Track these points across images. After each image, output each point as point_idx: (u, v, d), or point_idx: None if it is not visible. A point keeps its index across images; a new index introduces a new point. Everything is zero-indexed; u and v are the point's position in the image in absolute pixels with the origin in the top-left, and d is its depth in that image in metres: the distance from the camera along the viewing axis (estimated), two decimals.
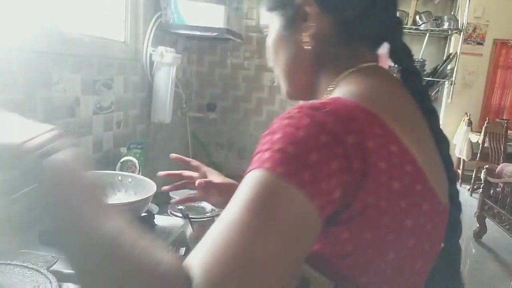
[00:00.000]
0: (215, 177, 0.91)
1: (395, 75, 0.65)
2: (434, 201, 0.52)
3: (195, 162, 0.95)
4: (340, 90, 0.56)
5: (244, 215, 0.41)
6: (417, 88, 0.60)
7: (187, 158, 0.95)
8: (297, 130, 0.45)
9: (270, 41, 0.64)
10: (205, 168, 0.94)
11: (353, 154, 0.45)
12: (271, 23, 0.64)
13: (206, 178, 0.90)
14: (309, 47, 0.59)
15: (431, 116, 0.60)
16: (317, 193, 0.43)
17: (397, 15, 0.61)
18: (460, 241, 0.62)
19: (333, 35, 0.59)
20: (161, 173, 0.92)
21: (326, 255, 0.50)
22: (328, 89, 0.59)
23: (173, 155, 0.94)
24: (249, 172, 0.45)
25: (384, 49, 0.63)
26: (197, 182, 0.86)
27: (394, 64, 0.63)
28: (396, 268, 0.51)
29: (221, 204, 0.91)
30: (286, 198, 0.42)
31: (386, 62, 0.68)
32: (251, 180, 0.44)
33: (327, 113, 0.46)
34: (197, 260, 0.40)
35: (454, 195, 0.59)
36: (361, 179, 0.45)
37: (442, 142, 0.59)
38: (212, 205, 0.96)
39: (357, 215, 0.46)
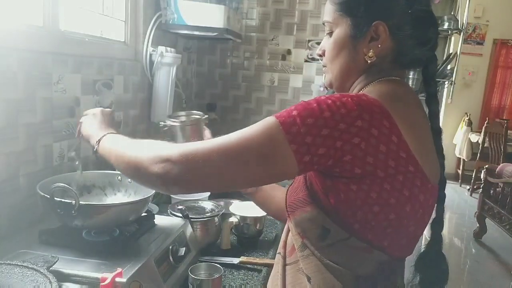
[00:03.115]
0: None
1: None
2: (425, 180, 0.67)
3: None
4: (367, 90, 0.74)
5: (242, 133, 0.63)
6: (433, 109, 0.77)
7: None
8: (314, 103, 0.63)
9: (334, 40, 0.76)
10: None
11: (356, 133, 0.60)
12: (339, 24, 0.75)
13: None
14: (371, 61, 0.73)
15: (436, 134, 0.76)
16: (296, 142, 0.60)
17: (435, 52, 0.77)
18: (445, 233, 0.83)
19: (389, 56, 0.74)
20: None
21: (341, 210, 0.66)
22: (362, 90, 0.75)
23: None
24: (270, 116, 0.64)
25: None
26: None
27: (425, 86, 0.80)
28: (395, 228, 0.67)
29: None
30: (274, 136, 0.61)
31: None
32: (264, 119, 0.64)
33: (349, 101, 0.62)
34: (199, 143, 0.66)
35: (442, 192, 0.77)
36: (354, 150, 0.61)
37: (441, 154, 0.76)
38: None
39: (359, 177, 0.62)
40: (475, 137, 5.28)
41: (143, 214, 1.06)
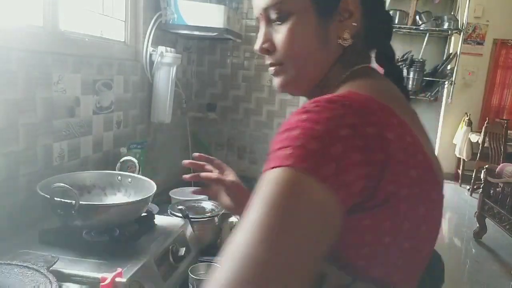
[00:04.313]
0: (231, 176, 0.93)
1: None
2: (439, 189, 0.54)
3: (217, 160, 0.97)
4: (349, 85, 0.58)
5: (266, 215, 0.41)
6: (403, 86, 0.64)
7: (209, 157, 0.97)
8: (316, 124, 0.45)
9: (293, 27, 0.59)
10: (225, 167, 0.96)
11: (374, 145, 0.46)
12: (294, 5, 0.58)
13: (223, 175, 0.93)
14: (347, 44, 0.60)
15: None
16: (341, 186, 0.43)
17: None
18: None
19: (361, 36, 0.61)
20: (185, 161, 0.95)
21: (343, 246, 0.49)
22: (341, 86, 0.59)
23: (186, 162, 0.95)
24: (268, 170, 0.44)
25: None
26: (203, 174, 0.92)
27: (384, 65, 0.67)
28: (408, 258, 0.52)
29: (227, 205, 0.94)
30: (309, 193, 0.42)
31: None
32: (273, 178, 0.43)
33: (345, 106, 0.47)
34: (220, 268, 0.40)
35: None
36: (382, 169, 0.46)
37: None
38: (222, 205, 0.98)
39: (380, 203, 0.47)
40: (475, 137, 5.28)
41: (143, 214, 1.06)
